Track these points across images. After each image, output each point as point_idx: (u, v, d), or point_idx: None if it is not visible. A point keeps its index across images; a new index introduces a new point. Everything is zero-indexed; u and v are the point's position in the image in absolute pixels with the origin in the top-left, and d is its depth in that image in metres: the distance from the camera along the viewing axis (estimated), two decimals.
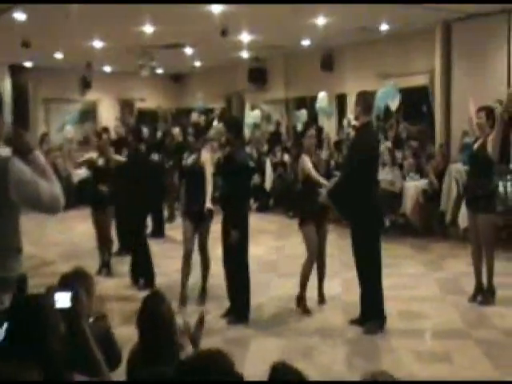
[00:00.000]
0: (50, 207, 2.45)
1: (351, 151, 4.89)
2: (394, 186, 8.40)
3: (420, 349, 4.42)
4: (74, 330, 2.31)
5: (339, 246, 7.16)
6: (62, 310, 2.24)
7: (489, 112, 5.28)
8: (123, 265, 6.74)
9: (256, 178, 11.39)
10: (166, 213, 9.81)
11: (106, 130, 7.92)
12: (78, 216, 11.06)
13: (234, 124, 5.37)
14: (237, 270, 5.15)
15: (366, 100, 4.72)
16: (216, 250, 5.95)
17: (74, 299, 2.29)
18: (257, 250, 5.76)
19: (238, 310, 5.16)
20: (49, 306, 2.13)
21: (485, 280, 5.37)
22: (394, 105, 10.36)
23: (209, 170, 5.50)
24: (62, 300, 2.28)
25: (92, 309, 2.67)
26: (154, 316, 2.57)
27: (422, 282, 6.14)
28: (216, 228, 5.71)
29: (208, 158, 5.60)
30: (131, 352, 2.69)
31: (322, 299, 5.47)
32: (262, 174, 11.51)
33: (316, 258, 5.30)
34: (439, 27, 9.95)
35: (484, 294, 5.35)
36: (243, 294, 5.16)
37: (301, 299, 5.29)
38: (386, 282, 5.89)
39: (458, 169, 8.11)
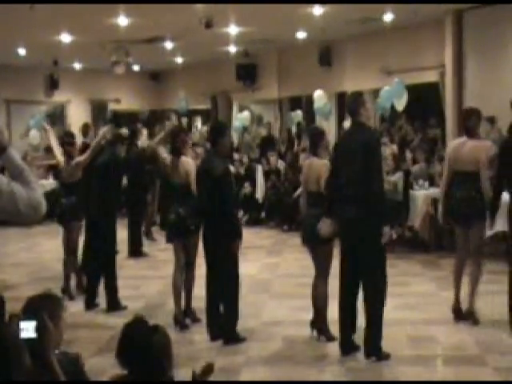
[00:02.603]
0: (30, 215, 2.44)
1: None
2: (396, 193, 8.50)
3: (430, 377, 4.47)
4: (41, 362, 2.34)
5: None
6: (28, 341, 2.28)
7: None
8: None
9: (247, 187, 11.44)
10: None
11: (71, 135, 7.99)
12: (45, 232, 11.06)
13: (212, 129, 5.54)
14: (227, 288, 5.24)
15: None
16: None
17: (40, 328, 2.33)
18: (247, 269, 5.82)
19: (230, 333, 5.24)
20: (13, 336, 2.16)
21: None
22: (400, 104, 10.49)
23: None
24: (28, 329, 2.31)
25: (61, 338, 2.70)
26: (142, 347, 2.59)
27: (432, 302, 6.20)
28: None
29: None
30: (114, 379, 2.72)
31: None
32: (253, 182, 11.58)
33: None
34: (450, 16, 10.09)
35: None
36: (234, 314, 5.26)
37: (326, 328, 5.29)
38: (393, 303, 5.97)
39: None
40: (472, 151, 5.48)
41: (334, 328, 5.15)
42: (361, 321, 4.88)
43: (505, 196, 5.71)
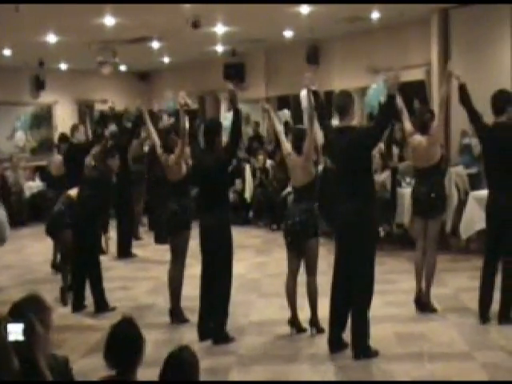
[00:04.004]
0: None
1: None
2: (385, 191, 8.56)
3: (419, 374, 4.51)
4: (29, 365, 2.34)
5: (330, 262, 7.25)
6: (15, 343, 2.28)
7: None
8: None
9: (238, 184, 11.42)
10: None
11: (65, 137, 7.96)
12: (32, 234, 11.03)
13: (209, 128, 5.56)
14: (223, 288, 5.26)
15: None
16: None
17: (27, 331, 2.33)
18: (237, 268, 5.82)
19: (219, 333, 5.25)
20: (0, 339, 2.16)
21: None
22: None
23: None
24: (15, 332, 2.31)
25: (49, 340, 2.70)
26: (128, 343, 2.63)
27: None
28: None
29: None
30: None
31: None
32: (242, 181, 11.58)
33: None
34: (436, 15, 10.16)
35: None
36: (225, 314, 5.29)
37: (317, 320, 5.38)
38: (381, 300, 6.02)
39: (458, 172, 8.29)
40: (427, 148, 5.70)
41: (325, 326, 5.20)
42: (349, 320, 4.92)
43: (482, 193, 5.87)
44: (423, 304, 5.84)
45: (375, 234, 5.17)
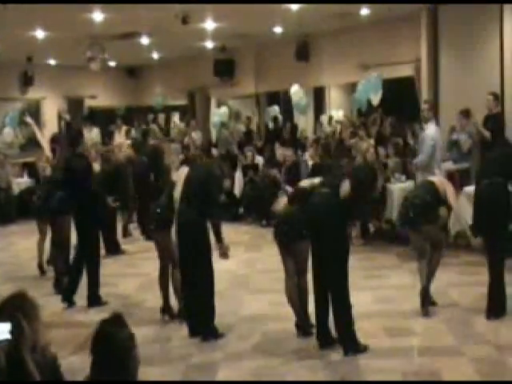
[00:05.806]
0: None
1: None
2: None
3: (407, 369, 4.53)
4: (15, 364, 2.33)
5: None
6: (2, 342, 2.26)
7: None
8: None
9: (227, 182, 11.39)
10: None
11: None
12: (20, 231, 10.96)
13: None
14: (201, 285, 5.25)
15: None
16: None
17: (14, 330, 2.31)
18: (226, 264, 5.83)
19: (207, 329, 5.24)
20: None
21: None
22: (375, 99, 10.58)
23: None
24: (2, 332, 2.30)
25: (38, 338, 2.68)
26: (109, 342, 2.58)
27: (410, 295, 6.25)
28: None
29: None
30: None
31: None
32: (232, 178, 11.56)
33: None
34: (425, 11, 10.20)
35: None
36: (211, 308, 5.27)
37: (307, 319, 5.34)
38: (371, 296, 6.05)
39: (447, 168, 8.33)
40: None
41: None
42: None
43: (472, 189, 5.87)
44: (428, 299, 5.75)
45: (343, 223, 5.08)
